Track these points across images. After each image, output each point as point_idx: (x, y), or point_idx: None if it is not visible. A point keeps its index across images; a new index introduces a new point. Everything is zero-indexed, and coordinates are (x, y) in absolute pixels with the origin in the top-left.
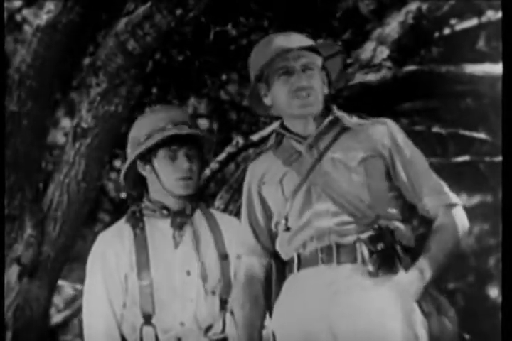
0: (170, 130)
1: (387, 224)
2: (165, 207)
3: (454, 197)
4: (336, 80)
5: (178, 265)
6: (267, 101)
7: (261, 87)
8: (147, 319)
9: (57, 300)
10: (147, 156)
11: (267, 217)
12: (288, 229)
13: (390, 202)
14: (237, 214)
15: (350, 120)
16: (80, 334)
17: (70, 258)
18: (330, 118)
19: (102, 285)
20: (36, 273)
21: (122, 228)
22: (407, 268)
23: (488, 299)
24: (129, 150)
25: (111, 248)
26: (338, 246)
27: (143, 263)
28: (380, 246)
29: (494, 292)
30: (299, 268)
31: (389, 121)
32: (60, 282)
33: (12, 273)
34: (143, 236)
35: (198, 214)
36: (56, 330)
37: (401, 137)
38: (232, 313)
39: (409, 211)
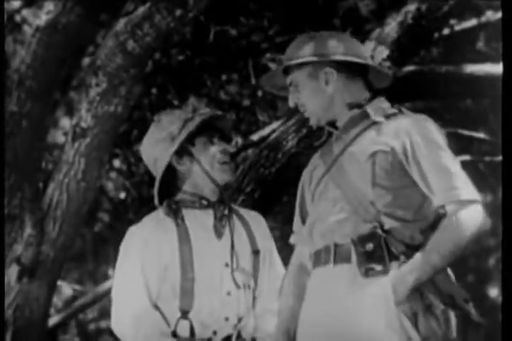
0: (204, 115)
1: (382, 224)
2: (204, 198)
3: (467, 194)
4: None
5: (218, 257)
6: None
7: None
8: (185, 313)
9: (56, 300)
10: (183, 148)
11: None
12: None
13: (392, 199)
14: None
15: (382, 113)
16: (79, 334)
17: (69, 257)
18: (356, 112)
19: (140, 270)
20: (36, 273)
21: (163, 220)
22: None
23: (488, 299)
24: (156, 152)
25: (153, 237)
26: (336, 246)
27: (186, 255)
28: (368, 246)
29: (494, 292)
30: (314, 267)
31: (419, 117)
32: (59, 282)
33: (12, 273)
34: (184, 228)
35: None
36: (55, 330)
37: (418, 131)
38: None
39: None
